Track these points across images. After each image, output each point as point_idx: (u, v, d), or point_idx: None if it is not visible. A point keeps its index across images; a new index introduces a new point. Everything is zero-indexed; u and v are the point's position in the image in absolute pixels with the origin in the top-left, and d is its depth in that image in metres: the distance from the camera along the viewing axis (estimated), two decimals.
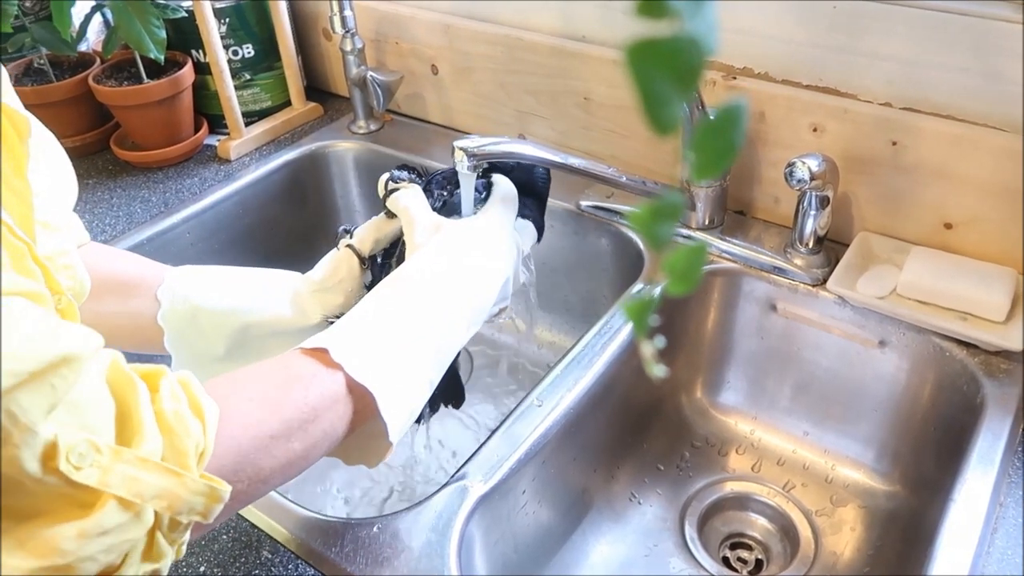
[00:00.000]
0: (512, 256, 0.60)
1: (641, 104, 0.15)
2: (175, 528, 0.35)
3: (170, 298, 0.57)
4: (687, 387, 0.84)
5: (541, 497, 0.67)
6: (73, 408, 0.32)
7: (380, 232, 0.62)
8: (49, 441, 0.31)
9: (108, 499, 0.32)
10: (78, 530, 0.31)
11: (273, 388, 0.44)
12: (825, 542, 0.73)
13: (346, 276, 0.61)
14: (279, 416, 0.42)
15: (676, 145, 0.81)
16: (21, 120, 0.38)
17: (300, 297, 0.60)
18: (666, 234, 0.17)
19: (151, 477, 0.33)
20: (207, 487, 0.36)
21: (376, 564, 0.54)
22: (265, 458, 0.41)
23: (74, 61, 1.01)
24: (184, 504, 0.35)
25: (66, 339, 0.32)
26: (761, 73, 0.76)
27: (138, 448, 0.34)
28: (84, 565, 0.32)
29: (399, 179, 0.62)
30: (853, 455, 0.77)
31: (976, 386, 0.64)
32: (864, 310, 0.71)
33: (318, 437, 0.45)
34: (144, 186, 0.95)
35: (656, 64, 0.14)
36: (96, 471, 0.32)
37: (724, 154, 0.16)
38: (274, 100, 1.05)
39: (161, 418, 0.35)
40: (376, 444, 0.49)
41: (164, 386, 0.37)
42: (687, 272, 0.18)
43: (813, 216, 0.71)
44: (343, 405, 0.46)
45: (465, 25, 0.92)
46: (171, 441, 0.35)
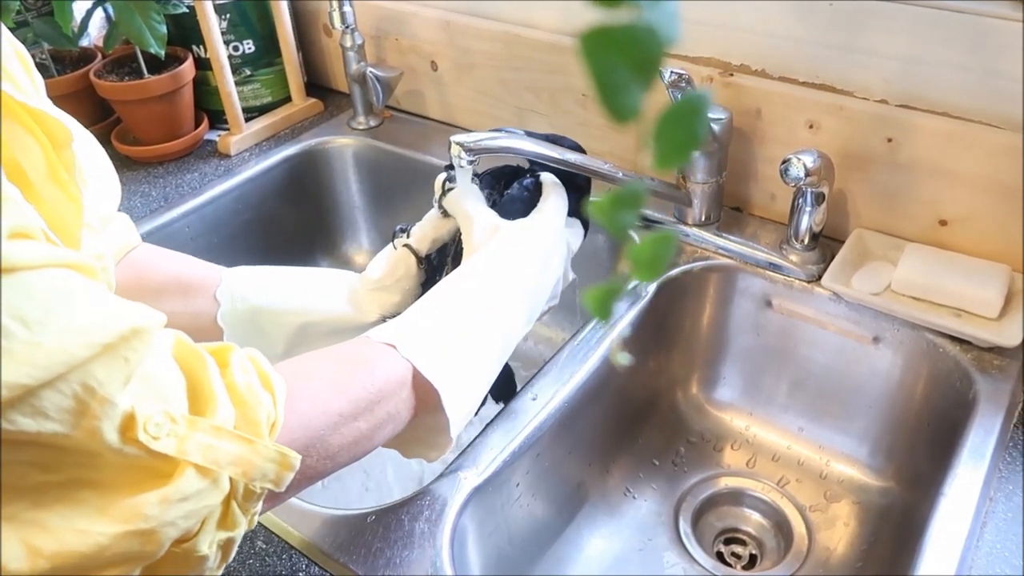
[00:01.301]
0: (563, 256, 0.61)
1: (598, 93, 0.15)
2: (249, 497, 0.36)
3: (229, 298, 0.58)
4: (683, 383, 0.85)
5: (535, 490, 0.68)
6: (146, 381, 0.33)
7: (437, 232, 0.64)
8: (127, 412, 0.31)
9: (186, 467, 0.33)
10: (160, 496, 0.32)
11: (341, 369, 0.45)
12: (819, 537, 0.73)
13: (404, 275, 0.63)
14: (347, 396, 0.44)
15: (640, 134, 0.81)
16: (57, 126, 0.38)
17: (357, 296, 0.61)
18: (627, 223, 0.17)
19: (226, 444, 0.34)
20: (279, 454, 0.36)
21: (369, 554, 0.54)
22: (333, 435, 0.42)
23: (75, 56, 1.01)
24: (258, 471, 0.35)
25: (133, 312, 0.33)
26: (758, 70, 0.76)
27: (212, 417, 0.34)
28: (166, 530, 0.33)
29: (455, 178, 0.62)
30: (847, 451, 0.77)
31: (969, 382, 0.64)
32: (859, 306, 0.71)
33: (383, 418, 0.46)
34: (144, 180, 0.96)
35: (613, 52, 0.14)
36: (173, 440, 0.33)
37: (686, 144, 0.16)
38: (274, 96, 1.05)
39: (232, 390, 0.36)
40: (436, 438, 0.51)
41: (234, 360, 0.38)
42: (652, 261, 0.19)
43: (809, 213, 0.72)
44: (407, 391, 0.47)
45: (465, 22, 0.93)
46: (243, 412, 0.36)
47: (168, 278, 0.58)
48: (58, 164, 0.38)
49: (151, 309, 0.35)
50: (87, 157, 0.52)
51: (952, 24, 0.65)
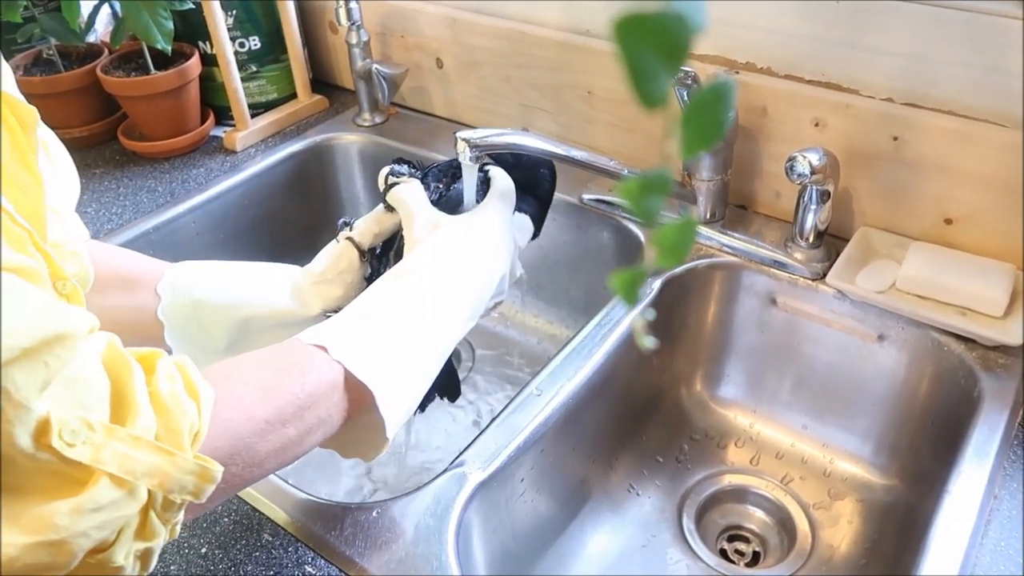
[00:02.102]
0: (508, 251, 0.60)
1: (630, 78, 0.15)
2: (169, 508, 0.36)
3: (170, 292, 0.57)
4: (687, 380, 0.85)
5: (539, 486, 0.68)
6: (67, 386, 0.32)
7: (380, 225, 0.63)
8: (42, 417, 0.31)
9: (101, 476, 0.32)
10: (72, 506, 0.32)
11: (269, 374, 0.44)
12: (822, 535, 0.73)
13: (346, 268, 0.62)
14: (274, 401, 0.43)
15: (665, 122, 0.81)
16: (27, 111, 0.39)
17: (300, 289, 0.61)
18: (655, 208, 0.18)
19: (143, 455, 0.34)
20: (199, 467, 0.36)
21: (375, 548, 0.54)
22: (260, 442, 0.41)
23: (82, 51, 1.02)
24: (175, 483, 0.35)
25: (60, 317, 0.32)
26: (764, 68, 0.76)
27: (132, 427, 0.34)
28: (78, 541, 0.32)
29: (399, 173, 0.62)
30: (851, 449, 0.78)
31: (973, 380, 0.64)
32: (863, 304, 0.71)
33: (313, 424, 0.45)
34: (150, 176, 0.96)
35: (644, 39, 0.14)
36: (89, 448, 0.32)
37: (711, 131, 0.16)
38: (280, 92, 1.05)
39: (156, 398, 0.36)
40: (373, 438, 0.50)
41: (160, 367, 0.37)
42: (676, 246, 0.19)
43: (814, 211, 0.72)
44: (339, 394, 0.46)
45: (470, 19, 0.93)
46: (165, 421, 0.35)
47: (110, 272, 0.57)
48: (26, 147, 0.39)
49: (84, 313, 0.35)
50: (54, 147, 0.52)
51: (958, 22, 0.65)
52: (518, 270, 0.63)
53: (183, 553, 0.55)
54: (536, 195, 0.66)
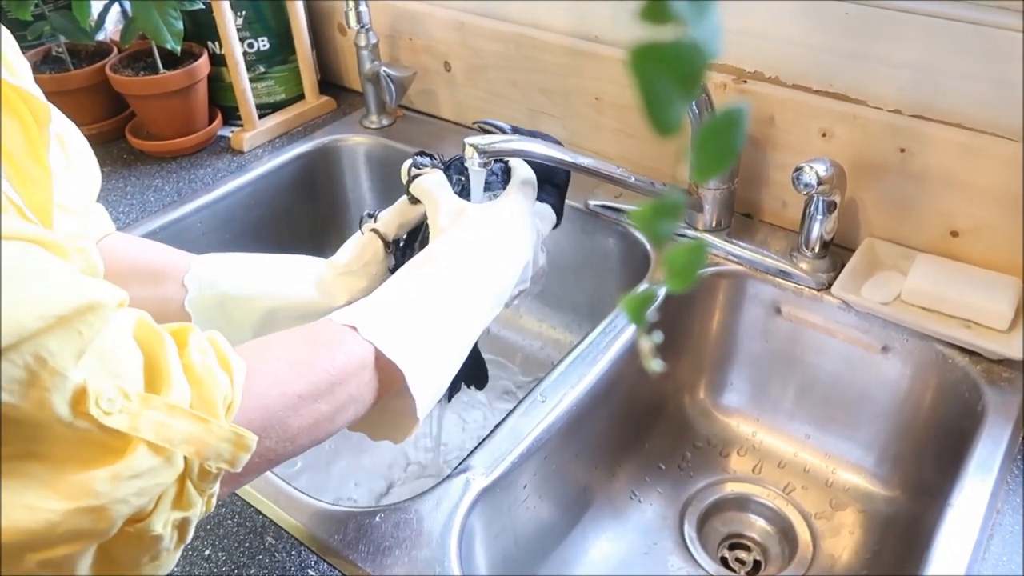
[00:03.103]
0: (532, 239, 0.61)
1: (644, 106, 0.15)
2: (205, 477, 0.36)
3: (197, 285, 0.58)
4: (690, 387, 0.85)
5: (542, 492, 0.68)
6: (102, 357, 0.33)
7: (404, 217, 0.64)
8: (79, 386, 0.31)
9: (138, 444, 0.33)
10: (111, 472, 0.32)
11: (301, 351, 0.45)
12: (823, 545, 0.73)
13: (371, 260, 0.62)
14: (307, 377, 0.43)
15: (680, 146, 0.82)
16: (41, 107, 0.39)
17: (325, 281, 0.61)
18: (667, 231, 0.18)
19: (179, 423, 0.34)
20: (234, 434, 0.36)
21: (378, 553, 0.54)
22: (293, 417, 0.42)
23: (92, 50, 1.02)
24: (211, 450, 0.35)
25: (89, 287, 0.33)
26: (772, 77, 0.76)
27: (167, 396, 0.34)
28: (117, 507, 0.32)
29: (422, 165, 0.63)
30: (854, 459, 0.78)
31: (977, 393, 0.64)
32: (868, 315, 0.71)
33: (345, 400, 0.45)
34: (158, 175, 0.96)
35: (659, 67, 0.15)
36: (126, 416, 0.33)
37: (724, 156, 0.17)
38: (288, 93, 1.06)
39: (189, 370, 0.36)
40: (403, 420, 0.50)
41: (192, 341, 0.38)
42: (686, 269, 0.19)
43: (820, 221, 0.72)
44: (370, 373, 0.47)
45: (479, 23, 0.93)
46: (199, 391, 0.36)
47: (137, 264, 0.58)
48: (39, 143, 0.39)
49: (112, 286, 0.35)
50: (73, 142, 0.52)
51: (966, 35, 0.65)
52: (541, 259, 0.64)
53: (186, 555, 0.55)
54: (554, 183, 0.66)
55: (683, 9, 0.15)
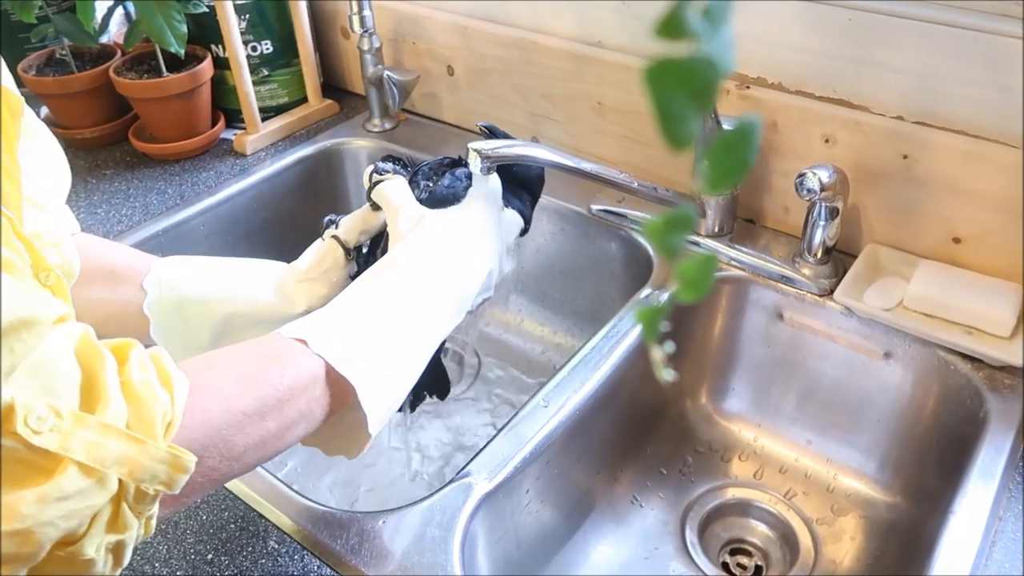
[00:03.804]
0: (496, 246, 0.59)
1: (658, 121, 0.15)
2: (142, 499, 0.35)
3: (156, 287, 0.57)
4: (692, 392, 0.85)
5: (544, 497, 0.68)
6: (35, 373, 0.32)
7: (366, 223, 0.62)
8: (6, 403, 0.30)
9: (69, 464, 0.32)
10: (37, 495, 0.31)
11: (249, 366, 0.44)
12: (825, 551, 0.73)
13: (331, 266, 0.62)
14: (253, 393, 0.42)
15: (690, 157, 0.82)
16: (14, 100, 0.38)
17: (285, 286, 0.60)
18: (678, 244, 0.18)
19: (113, 443, 0.33)
20: (170, 455, 0.35)
21: (380, 557, 0.54)
22: (238, 435, 0.41)
23: (95, 53, 1.02)
24: (146, 471, 0.34)
25: (25, 303, 0.32)
26: (775, 83, 0.76)
27: (102, 415, 0.33)
28: (44, 530, 0.31)
29: (383, 171, 0.62)
30: (855, 465, 0.78)
31: (979, 400, 0.64)
32: (870, 321, 0.71)
33: (294, 417, 0.44)
34: (161, 178, 0.96)
35: (673, 83, 0.15)
36: (56, 436, 0.31)
37: (737, 168, 0.17)
38: (291, 96, 1.06)
39: (128, 387, 0.35)
40: (356, 435, 0.49)
41: (133, 357, 0.37)
42: (698, 281, 0.19)
43: (822, 226, 0.72)
44: (320, 388, 0.46)
45: (482, 27, 0.93)
46: (137, 409, 0.35)
47: (97, 266, 0.56)
48: (12, 136, 0.38)
49: (54, 301, 0.34)
50: (45, 141, 0.51)
51: (968, 42, 0.65)
52: (507, 266, 0.62)
53: (189, 559, 0.55)
54: (527, 188, 0.65)
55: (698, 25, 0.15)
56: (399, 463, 0.84)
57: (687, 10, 0.14)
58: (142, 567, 0.55)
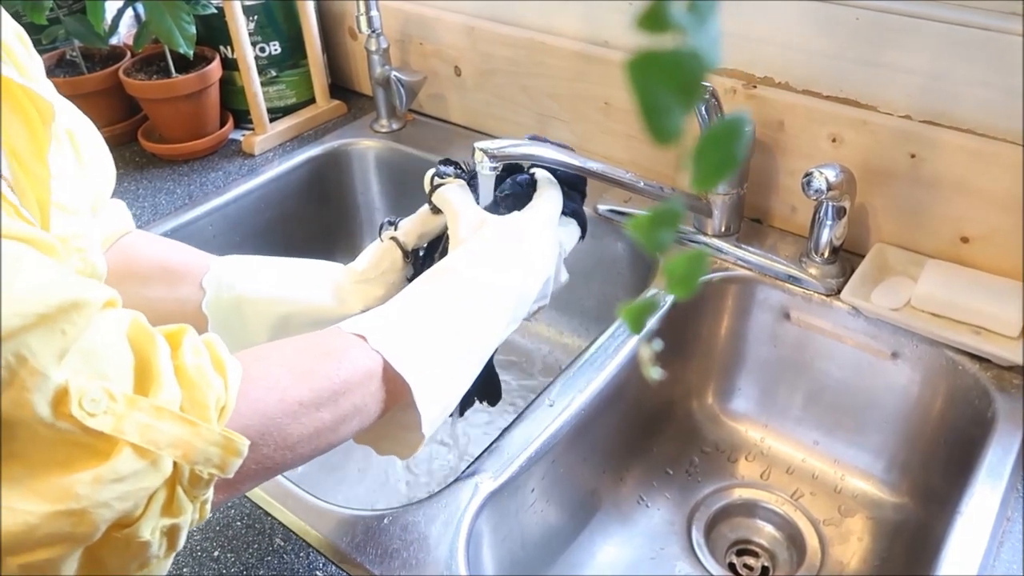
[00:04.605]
0: (554, 254, 0.59)
1: (642, 115, 0.15)
2: (196, 483, 0.35)
3: (215, 287, 0.58)
4: (698, 392, 0.85)
5: (550, 496, 0.68)
6: (89, 357, 0.32)
7: (425, 226, 0.63)
8: (60, 386, 0.31)
9: (123, 446, 0.32)
10: (93, 476, 0.31)
11: (305, 358, 0.44)
12: (832, 551, 0.73)
13: (388, 268, 0.62)
14: (309, 384, 0.42)
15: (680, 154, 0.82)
16: (46, 105, 0.39)
17: (342, 288, 0.61)
18: (665, 240, 0.18)
19: (166, 426, 0.33)
20: (223, 438, 0.35)
21: (385, 555, 0.55)
22: (292, 424, 0.41)
23: (105, 54, 1.03)
24: (199, 454, 0.34)
25: (75, 286, 0.32)
26: (782, 82, 0.76)
27: (155, 398, 0.34)
28: (99, 511, 0.32)
29: (444, 174, 0.62)
30: (863, 466, 0.77)
31: (988, 400, 0.64)
32: (878, 321, 0.71)
33: (348, 411, 0.44)
34: (169, 178, 0.97)
35: (657, 76, 0.15)
36: (110, 418, 0.32)
37: (725, 165, 0.17)
38: (299, 97, 1.06)
39: (181, 372, 0.36)
40: (408, 435, 0.50)
41: (186, 342, 0.37)
42: (687, 277, 0.19)
43: (829, 226, 0.72)
44: (376, 384, 0.46)
45: (488, 28, 0.93)
46: (191, 394, 0.35)
47: (155, 264, 0.57)
48: (44, 142, 0.39)
49: (101, 285, 0.35)
50: (87, 140, 0.52)
51: (976, 41, 0.65)
52: (563, 275, 0.62)
53: (196, 556, 0.56)
54: (577, 188, 0.65)
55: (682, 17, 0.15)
56: (402, 462, 0.84)
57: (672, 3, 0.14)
58: None
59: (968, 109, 0.67)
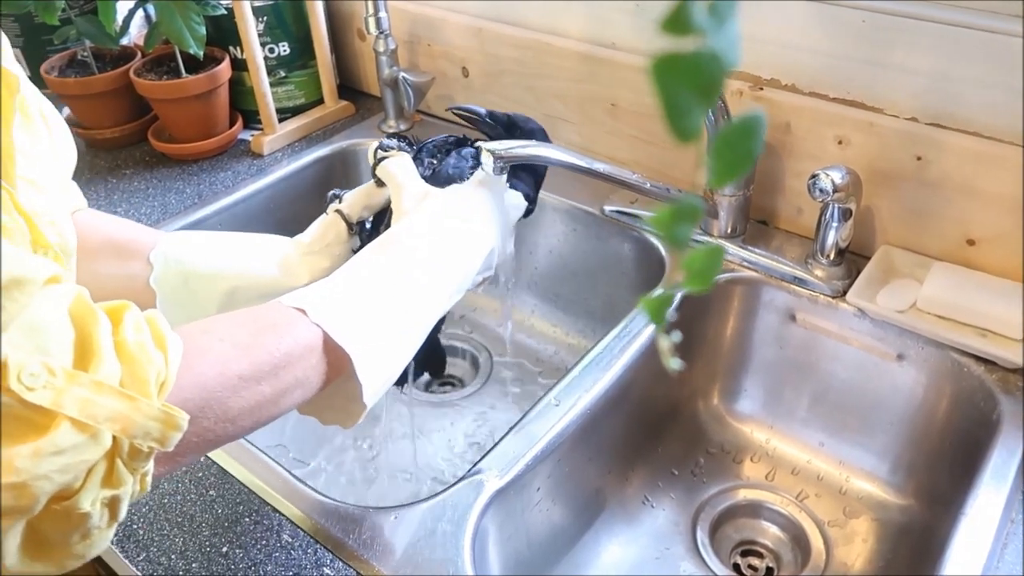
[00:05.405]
0: (498, 226, 0.60)
1: (664, 115, 0.16)
2: (136, 456, 0.36)
3: (162, 262, 0.58)
4: (704, 393, 0.85)
5: (555, 495, 0.68)
6: (30, 332, 0.33)
7: (370, 199, 0.63)
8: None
9: (62, 420, 0.33)
10: (32, 449, 0.32)
11: (246, 332, 0.44)
12: (836, 553, 0.73)
13: (334, 240, 0.62)
14: (249, 358, 0.43)
15: (698, 152, 0.82)
16: (12, 78, 0.39)
17: (289, 260, 0.61)
18: (685, 235, 0.18)
19: (105, 400, 0.34)
20: (163, 413, 0.36)
21: (392, 552, 0.55)
22: (233, 397, 0.41)
23: (116, 54, 1.04)
24: (139, 428, 0.35)
25: (16, 262, 0.33)
26: (788, 84, 0.77)
27: (95, 373, 0.34)
28: (39, 484, 0.32)
29: (388, 147, 0.62)
30: (868, 467, 0.77)
31: (993, 402, 0.64)
32: (883, 323, 0.71)
33: (290, 383, 0.45)
34: (179, 178, 0.98)
35: (679, 77, 0.15)
36: (50, 392, 0.32)
37: (741, 162, 0.17)
38: (307, 97, 1.07)
39: (121, 347, 0.36)
40: (351, 406, 0.50)
41: (127, 318, 0.37)
42: (704, 271, 0.19)
43: (835, 228, 0.72)
44: (317, 356, 0.46)
45: (496, 29, 0.94)
46: (131, 369, 0.36)
47: (104, 241, 0.57)
48: (9, 114, 0.39)
49: (46, 261, 0.35)
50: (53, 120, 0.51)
51: (982, 43, 0.65)
52: (509, 246, 0.63)
53: (204, 552, 0.56)
54: (532, 170, 0.66)
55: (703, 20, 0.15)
56: (409, 460, 0.84)
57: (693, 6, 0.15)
58: (159, 558, 0.56)
59: (975, 111, 0.68)
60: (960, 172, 0.69)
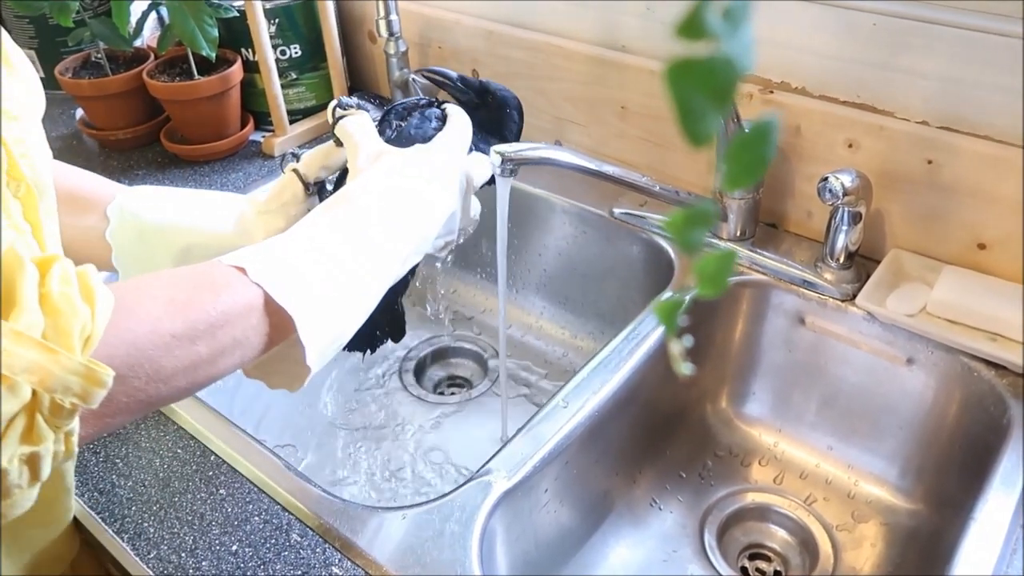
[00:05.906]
0: (458, 188, 0.58)
1: (678, 119, 0.16)
2: (58, 412, 0.34)
3: (119, 215, 0.57)
4: (712, 396, 0.85)
5: (563, 497, 0.69)
6: None
7: (327, 159, 0.62)
8: None
9: None
10: None
11: (181, 290, 0.43)
12: (844, 557, 0.73)
13: (289, 200, 0.61)
14: (184, 316, 0.41)
15: (710, 156, 0.82)
16: None
17: (245, 218, 0.60)
18: (698, 240, 0.18)
19: (24, 351, 0.33)
20: (85, 368, 0.34)
21: (400, 552, 0.55)
22: (166, 356, 0.40)
23: (129, 56, 1.05)
24: (58, 382, 0.34)
25: None
26: (798, 87, 0.77)
27: (15, 323, 0.33)
28: None
29: (347, 105, 0.61)
30: (877, 471, 0.77)
31: (1003, 407, 0.64)
32: (893, 327, 0.71)
33: (227, 343, 0.43)
34: (191, 178, 0.98)
35: (694, 82, 0.15)
36: None
37: (755, 167, 0.17)
38: (318, 99, 1.08)
39: (46, 299, 0.35)
40: (297, 369, 0.48)
41: (55, 270, 0.36)
42: (716, 276, 0.20)
43: (845, 231, 0.72)
44: (257, 317, 0.45)
45: (506, 31, 0.94)
46: (54, 321, 0.34)
47: (63, 192, 0.54)
48: None
49: None
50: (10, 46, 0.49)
51: (993, 47, 0.65)
52: (473, 210, 0.61)
53: (214, 550, 0.57)
54: (503, 136, 0.65)
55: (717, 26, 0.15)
56: (417, 461, 0.85)
57: (707, 11, 0.15)
58: (169, 556, 0.56)
59: (985, 115, 0.67)
60: (971, 176, 0.69)
